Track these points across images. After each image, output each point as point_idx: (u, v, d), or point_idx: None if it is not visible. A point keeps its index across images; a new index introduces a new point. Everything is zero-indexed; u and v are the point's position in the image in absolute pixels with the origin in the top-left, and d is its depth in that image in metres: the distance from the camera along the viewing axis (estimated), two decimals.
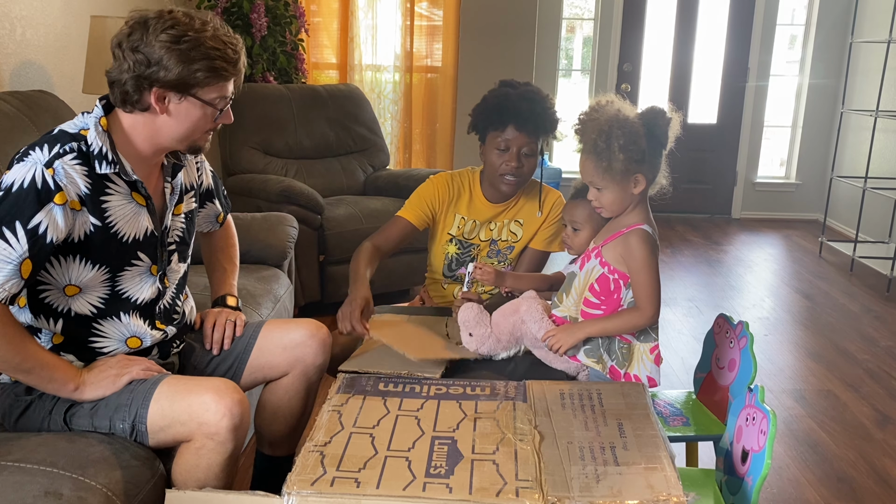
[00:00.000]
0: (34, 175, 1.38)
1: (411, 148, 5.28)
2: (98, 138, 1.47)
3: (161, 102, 1.49)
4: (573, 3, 6.28)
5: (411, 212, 2.07)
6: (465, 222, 2.05)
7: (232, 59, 1.51)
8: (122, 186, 1.53)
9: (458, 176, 2.10)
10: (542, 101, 1.92)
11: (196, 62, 1.46)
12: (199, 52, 1.46)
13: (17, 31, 2.69)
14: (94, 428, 1.49)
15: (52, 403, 1.51)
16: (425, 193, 2.08)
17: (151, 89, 1.47)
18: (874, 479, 2.39)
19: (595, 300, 1.71)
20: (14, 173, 1.40)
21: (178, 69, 1.45)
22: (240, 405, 1.46)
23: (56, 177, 1.40)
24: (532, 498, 1.21)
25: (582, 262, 1.77)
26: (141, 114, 1.51)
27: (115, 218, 1.51)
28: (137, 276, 1.59)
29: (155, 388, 1.49)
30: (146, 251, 1.60)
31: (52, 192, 1.39)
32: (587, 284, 1.73)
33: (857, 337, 3.62)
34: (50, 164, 1.40)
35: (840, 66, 5.78)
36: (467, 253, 2.09)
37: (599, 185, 1.67)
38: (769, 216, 6.16)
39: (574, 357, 1.73)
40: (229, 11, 4.30)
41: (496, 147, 1.94)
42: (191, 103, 1.50)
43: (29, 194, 1.37)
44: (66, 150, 1.43)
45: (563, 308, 1.78)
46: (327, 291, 3.59)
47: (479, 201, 2.07)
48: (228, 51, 1.50)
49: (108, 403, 1.49)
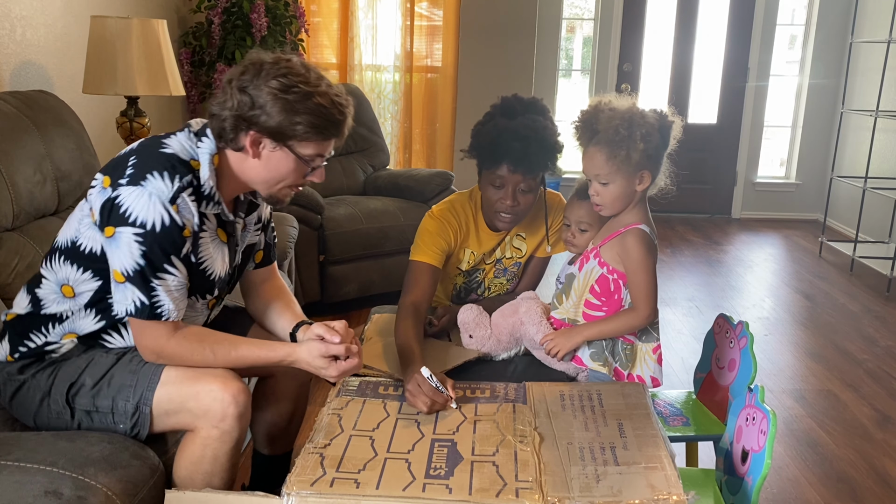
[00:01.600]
0: (162, 215, 1.41)
1: (411, 148, 5.28)
2: (210, 178, 1.48)
3: (255, 147, 1.48)
4: (573, 3, 6.28)
5: (430, 255, 1.88)
6: (474, 257, 1.98)
7: (336, 119, 1.49)
8: (213, 223, 1.54)
9: (459, 209, 1.95)
10: (537, 137, 1.75)
11: (299, 115, 1.44)
12: (305, 105, 1.44)
13: (17, 31, 2.69)
14: (96, 407, 1.50)
15: (49, 383, 1.52)
16: (438, 232, 1.90)
17: (248, 132, 1.46)
18: (874, 479, 2.39)
19: (596, 301, 1.71)
20: (137, 204, 1.40)
21: (280, 118, 1.44)
22: (244, 393, 1.48)
23: (181, 213, 1.43)
24: (532, 498, 1.21)
25: (581, 264, 1.76)
26: (235, 153, 1.50)
27: (205, 255, 1.53)
28: (197, 307, 1.61)
29: (161, 371, 1.50)
30: (221, 287, 1.62)
31: (182, 229, 1.44)
32: (587, 286, 1.72)
33: (857, 337, 3.62)
34: (174, 201, 1.42)
35: (840, 66, 5.78)
36: (474, 280, 2.05)
37: (606, 179, 1.65)
38: (769, 216, 6.16)
39: (580, 361, 1.72)
40: (229, 11, 4.29)
41: (491, 183, 1.82)
42: (284, 153, 1.49)
43: (172, 230, 1.42)
44: (184, 183, 1.44)
45: (561, 310, 1.78)
46: (327, 291, 3.59)
47: (484, 233, 1.97)
48: (335, 111, 1.48)
49: (111, 383, 1.50)
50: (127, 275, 1.42)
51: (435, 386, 1.51)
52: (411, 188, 3.94)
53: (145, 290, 1.43)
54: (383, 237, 3.65)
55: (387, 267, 3.70)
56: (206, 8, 4.32)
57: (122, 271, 1.42)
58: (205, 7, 4.32)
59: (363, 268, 3.66)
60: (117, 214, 1.40)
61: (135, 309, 1.44)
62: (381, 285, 3.71)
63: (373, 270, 3.68)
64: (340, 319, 1.58)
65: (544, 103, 1.88)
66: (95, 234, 1.47)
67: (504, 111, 1.82)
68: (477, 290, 2.06)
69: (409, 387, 1.54)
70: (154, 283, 1.43)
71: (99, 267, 1.49)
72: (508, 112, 1.81)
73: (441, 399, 1.52)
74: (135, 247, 1.40)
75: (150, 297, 1.43)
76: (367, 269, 3.67)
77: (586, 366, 1.72)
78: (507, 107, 1.82)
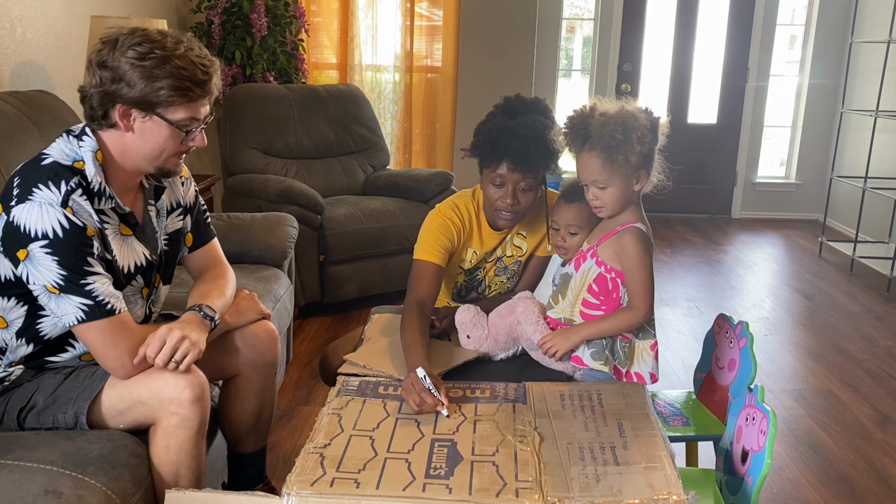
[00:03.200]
0: (60, 220, 1.39)
1: (411, 148, 5.28)
2: (97, 174, 1.48)
3: (126, 119, 1.47)
4: (573, 3, 6.28)
5: (435, 254, 1.88)
6: (476, 256, 1.98)
7: (199, 80, 1.47)
8: (114, 219, 1.54)
9: (462, 208, 1.96)
10: (537, 137, 1.75)
11: (159, 80, 1.43)
12: (164, 70, 1.43)
13: (17, 31, 2.69)
14: (41, 425, 1.50)
15: (1, 410, 1.52)
16: (442, 231, 1.90)
17: (115, 106, 1.46)
18: (874, 479, 2.39)
19: (594, 301, 1.71)
20: (31, 218, 1.39)
21: (142, 86, 1.43)
22: (198, 378, 1.48)
23: (77, 215, 1.42)
24: (532, 498, 1.21)
25: (577, 263, 1.76)
26: (110, 131, 1.50)
27: (115, 250, 1.53)
28: (129, 298, 1.60)
29: (106, 378, 1.50)
30: (144, 275, 1.62)
31: (84, 229, 1.42)
32: (584, 285, 1.72)
33: (857, 337, 3.62)
34: (65, 205, 1.41)
35: (840, 66, 5.78)
36: (475, 278, 2.06)
37: (604, 184, 1.64)
38: (769, 216, 6.16)
39: (579, 361, 1.72)
40: (229, 11, 4.30)
41: (491, 182, 1.84)
42: (156, 123, 1.48)
43: (74, 232, 1.40)
44: (72, 186, 1.43)
45: (557, 310, 1.77)
46: (327, 291, 3.59)
47: (486, 232, 1.97)
48: (197, 71, 1.46)
49: (56, 400, 1.50)
50: (58, 286, 1.40)
51: (428, 388, 1.51)
52: (411, 188, 3.93)
53: (83, 293, 1.41)
54: (383, 237, 3.65)
55: (387, 267, 3.70)
56: (206, 8, 4.32)
57: (52, 284, 1.41)
58: (205, 7, 4.32)
59: (363, 268, 3.66)
60: (20, 235, 1.39)
61: (84, 313, 1.42)
62: (381, 285, 3.71)
63: (373, 270, 3.68)
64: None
65: (546, 103, 1.89)
66: (3, 261, 1.45)
67: (506, 111, 1.83)
68: (478, 288, 2.06)
69: (404, 383, 1.55)
70: (87, 283, 1.41)
71: (19, 292, 1.48)
72: (510, 111, 1.82)
73: (431, 401, 1.51)
74: (48, 259, 1.39)
75: (92, 297, 1.42)
76: (367, 269, 3.67)
77: (587, 365, 1.72)
78: (508, 106, 1.84)
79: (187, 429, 1.47)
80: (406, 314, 1.78)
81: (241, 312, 1.76)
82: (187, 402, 1.46)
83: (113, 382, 1.49)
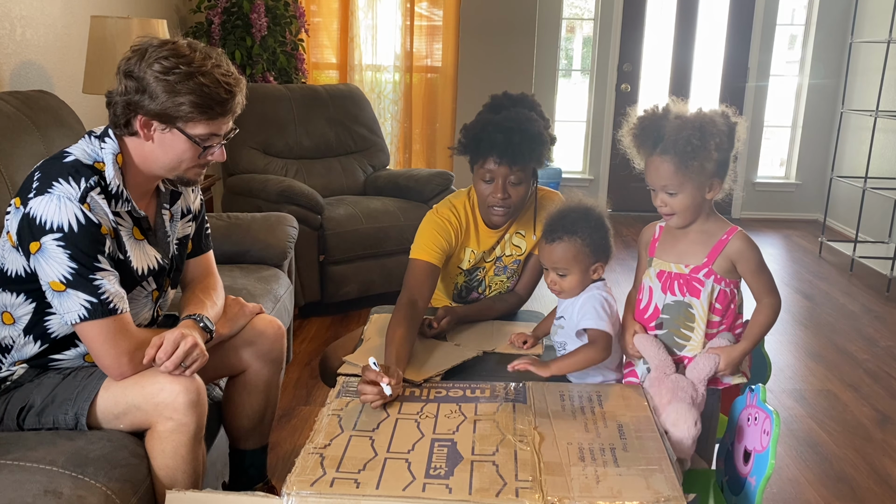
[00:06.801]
0: (76, 214, 1.40)
1: (411, 148, 5.28)
2: (116, 177, 1.49)
3: (146, 129, 1.48)
4: (573, 3, 6.27)
5: (430, 254, 1.89)
6: (474, 255, 1.98)
7: (221, 98, 1.48)
8: (128, 222, 1.55)
9: (459, 208, 1.97)
10: (521, 128, 1.76)
11: (181, 95, 1.44)
12: (187, 86, 1.43)
13: (17, 31, 2.69)
14: (42, 426, 1.50)
15: (2, 410, 1.52)
16: (439, 231, 1.91)
17: (137, 115, 1.47)
18: (874, 479, 2.39)
19: (717, 318, 1.64)
20: (48, 210, 1.40)
21: (163, 100, 1.44)
22: (194, 382, 1.48)
23: (94, 212, 1.43)
24: (532, 498, 1.21)
25: (688, 290, 1.62)
26: (132, 138, 1.51)
27: (129, 252, 1.54)
28: (140, 300, 1.61)
29: (103, 380, 1.50)
30: (156, 279, 1.63)
31: (99, 226, 1.43)
32: (708, 308, 1.62)
33: (857, 337, 3.62)
34: (83, 200, 1.42)
35: (840, 66, 5.78)
36: (475, 278, 2.05)
37: (675, 190, 1.56)
38: (769, 216, 6.16)
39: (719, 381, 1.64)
40: (229, 11, 4.30)
41: (481, 178, 1.85)
42: (175, 135, 1.49)
43: (89, 228, 1.41)
44: (91, 184, 1.44)
45: (692, 347, 1.64)
46: (327, 291, 3.59)
47: (483, 231, 1.98)
48: (221, 90, 1.47)
49: (55, 400, 1.50)
50: (65, 281, 1.40)
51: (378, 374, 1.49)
52: (411, 188, 3.93)
53: (89, 289, 1.41)
54: (383, 237, 3.65)
55: (387, 267, 3.70)
56: (206, 8, 4.32)
57: (60, 279, 1.40)
58: (205, 7, 4.32)
59: (363, 268, 3.66)
60: (35, 227, 1.40)
61: (86, 311, 1.42)
62: (381, 285, 3.71)
63: (373, 270, 3.68)
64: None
65: (534, 98, 1.91)
66: (16, 256, 1.46)
67: (492, 107, 1.86)
68: (478, 288, 2.06)
69: None
70: (95, 279, 1.42)
71: (29, 288, 1.49)
72: (495, 108, 1.85)
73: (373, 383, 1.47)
74: (60, 252, 1.39)
75: (97, 295, 1.42)
76: (367, 269, 3.67)
77: (727, 384, 1.64)
78: (494, 103, 1.87)
79: (183, 434, 1.46)
80: (395, 312, 1.78)
81: (232, 321, 1.76)
82: (182, 406, 1.45)
83: (108, 385, 1.49)
